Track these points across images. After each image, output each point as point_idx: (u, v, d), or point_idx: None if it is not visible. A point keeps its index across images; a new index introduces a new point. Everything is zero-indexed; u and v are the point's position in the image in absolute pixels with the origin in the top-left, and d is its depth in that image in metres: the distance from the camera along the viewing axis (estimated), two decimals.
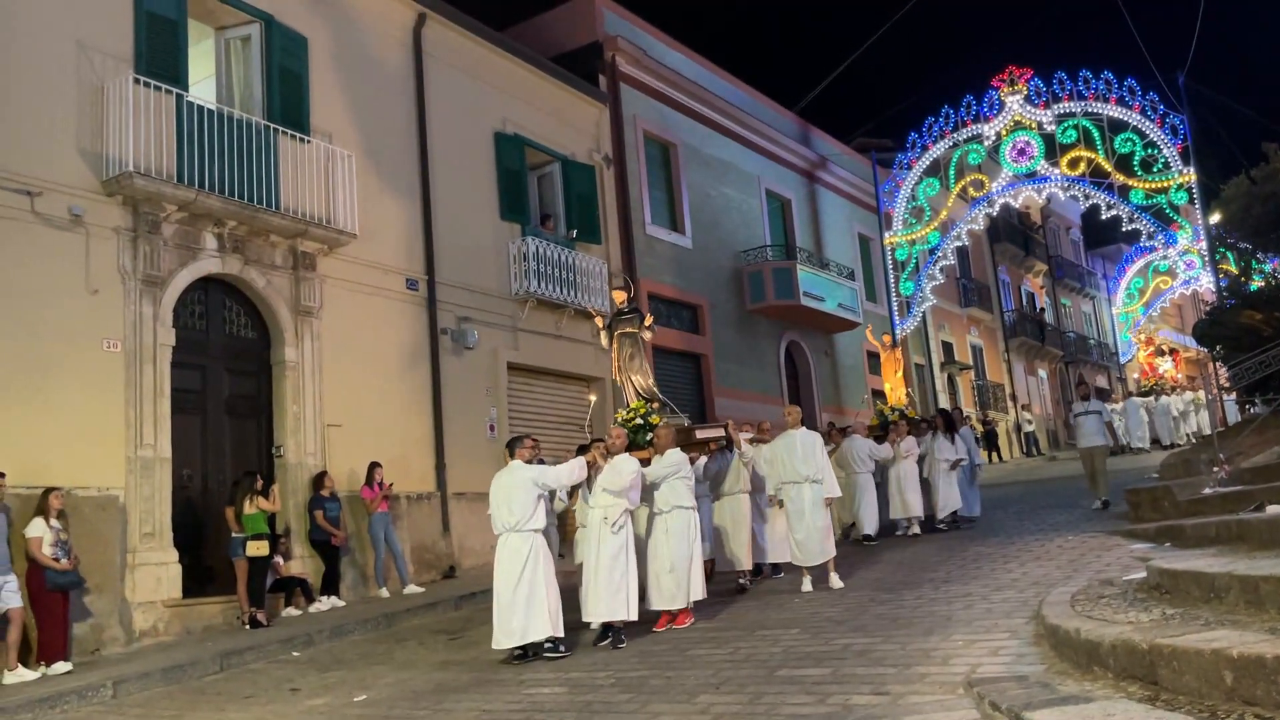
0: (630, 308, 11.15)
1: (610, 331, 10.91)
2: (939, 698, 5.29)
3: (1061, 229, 44.34)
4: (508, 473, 8.36)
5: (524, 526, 8.14)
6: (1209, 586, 5.50)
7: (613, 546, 8.31)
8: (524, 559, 8.03)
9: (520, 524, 8.13)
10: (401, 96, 15.14)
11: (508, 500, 8.18)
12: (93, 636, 10.11)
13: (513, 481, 8.26)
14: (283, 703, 7.54)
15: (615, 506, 8.36)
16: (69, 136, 10.81)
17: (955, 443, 13.87)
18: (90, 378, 10.59)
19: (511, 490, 8.21)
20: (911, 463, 13.49)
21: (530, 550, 8.07)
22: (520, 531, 8.13)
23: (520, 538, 8.12)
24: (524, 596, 7.93)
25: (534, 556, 8.07)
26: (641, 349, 10.90)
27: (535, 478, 8.28)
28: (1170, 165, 21.91)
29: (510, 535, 8.14)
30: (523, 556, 8.03)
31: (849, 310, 24.51)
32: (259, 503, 11.18)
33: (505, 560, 8.08)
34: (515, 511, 8.16)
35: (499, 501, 8.23)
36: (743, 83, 24.90)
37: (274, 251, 12.71)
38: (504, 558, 8.10)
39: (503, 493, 8.23)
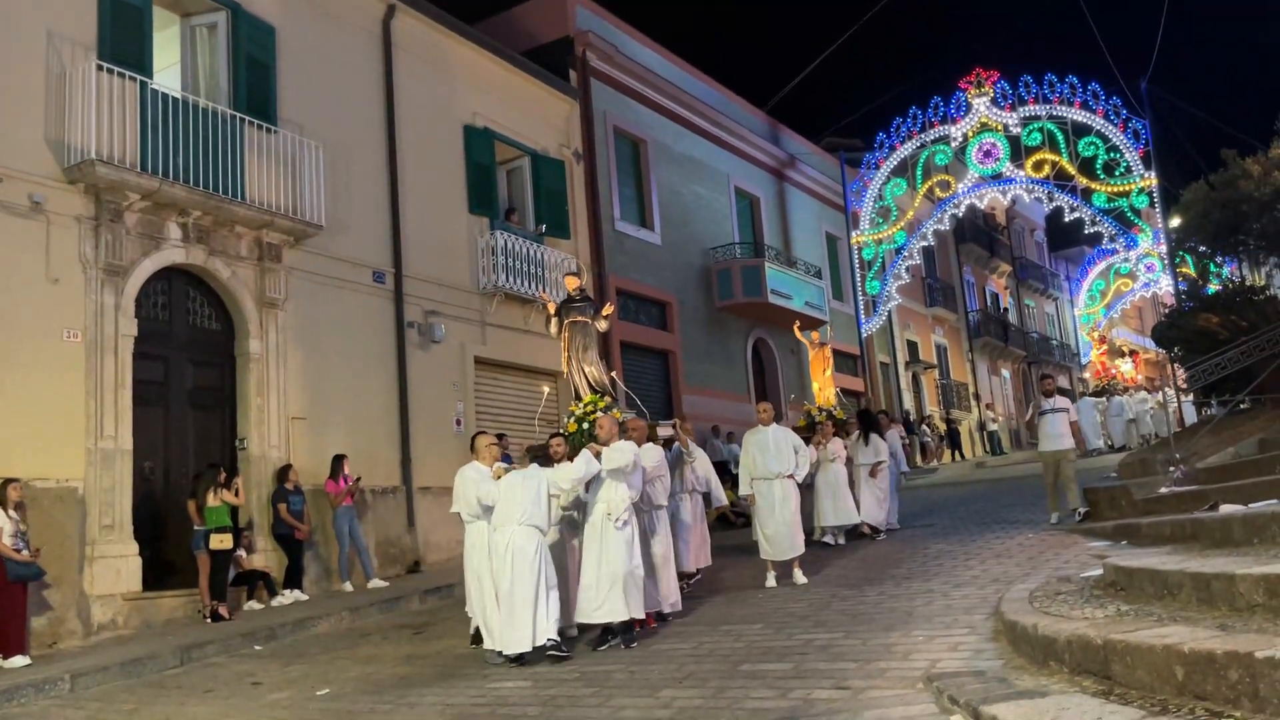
0: (582, 295, 10.88)
1: (560, 319, 10.62)
2: (899, 692, 5.37)
3: (1026, 230, 44.84)
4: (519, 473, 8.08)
5: (532, 522, 7.81)
6: (1162, 584, 5.61)
7: (618, 542, 7.98)
8: (533, 557, 7.67)
9: (529, 519, 7.80)
10: (370, 88, 15.04)
11: (520, 496, 7.83)
12: (50, 629, 9.97)
13: (530, 476, 7.98)
14: (244, 697, 7.49)
15: (619, 501, 8.07)
16: (30, 123, 10.64)
17: (871, 446, 13.01)
18: (50, 368, 10.44)
19: (526, 486, 7.90)
20: (839, 466, 12.51)
21: (537, 548, 7.75)
22: (527, 527, 7.79)
23: (526, 534, 7.77)
24: (534, 597, 7.57)
25: (543, 554, 7.77)
26: (595, 339, 10.73)
27: (551, 477, 8.04)
28: (1132, 169, 22.26)
29: (515, 531, 7.75)
30: (530, 554, 7.68)
31: (816, 309, 24.65)
32: (224, 495, 11.08)
33: (513, 558, 7.65)
34: (527, 506, 7.82)
35: (510, 497, 7.84)
36: (713, 80, 24.96)
37: (239, 242, 12.59)
38: (510, 556, 7.67)
39: (515, 489, 7.87)
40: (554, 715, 5.92)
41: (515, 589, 7.57)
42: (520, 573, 7.59)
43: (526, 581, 7.58)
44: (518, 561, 7.62)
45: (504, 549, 7.71)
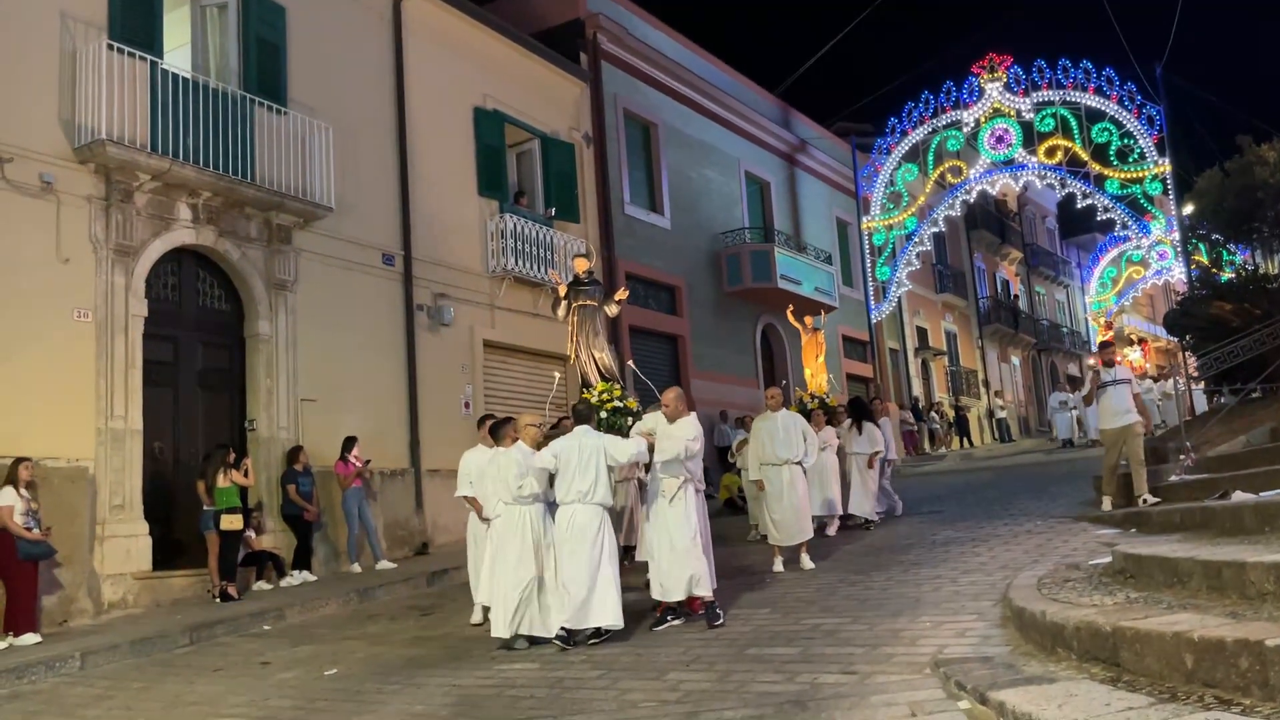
0: (591, 279, 10.65)
1: (568, 302, 10.38)
2: (906, 677, 5.36)
3: (1037, 217, 44.65)
4: (572, 437, 7.70)
5: (594, 499, 7.52)
6: (1172, 571, 5.59)
7: (675, 518, 7.70)
8: (595, 534, 7.43)
9: (591, 495, 7.49)
10: (381, 70, 15.00)
11: (581, 467, 7.50)
12: (61, 608, 10.04)
13: (584, 446, 7.60)
14: (253, 676, 7.53)
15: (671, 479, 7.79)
16: (41, 102, 10.64)
17: (865, 435, 12.60)
18: (60, 348, 10.47)
19: (585, 456, 7.53)
20: (830, 454, 12.09)
21: (601, 525, 7.50)
22: (589, 504, 7.49)
23: (590, 511, 7.48)
24: (596, 577, 7.31)
25: (606, 533, 7.52)
26: (604, 325, 10.41)
27: (607, 446, 7.67)
28: (1146, 156, 22.10)
29: (577, 509, 7.46)
30: (593, 532, 7.42)
31: (826, 294, 24.58)
32: (234, 476, 11.12)
33: (574, 536, 7.39)
34: (588, 480, 7.48)
35: (568, 468, 7.49)
36: (724, 64, 24.83)
37: (249, 224, 12.59)
38: (571, 534, 7.40)
39: (574, 458, 7.52)
40: (561, 698, 5.94)
41: (581, 569, 7.31)
42: (587, 552, 7.35)
43: (594, 560, 7.34)
44: (582, 540, 7.37)
45: (565, 527, 7.46)
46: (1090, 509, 11.00)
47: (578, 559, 7.36)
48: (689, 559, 7.60)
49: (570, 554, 7.39)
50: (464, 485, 8.76)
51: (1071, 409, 24.52)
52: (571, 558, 7.38)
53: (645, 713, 5.40)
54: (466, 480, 8.75)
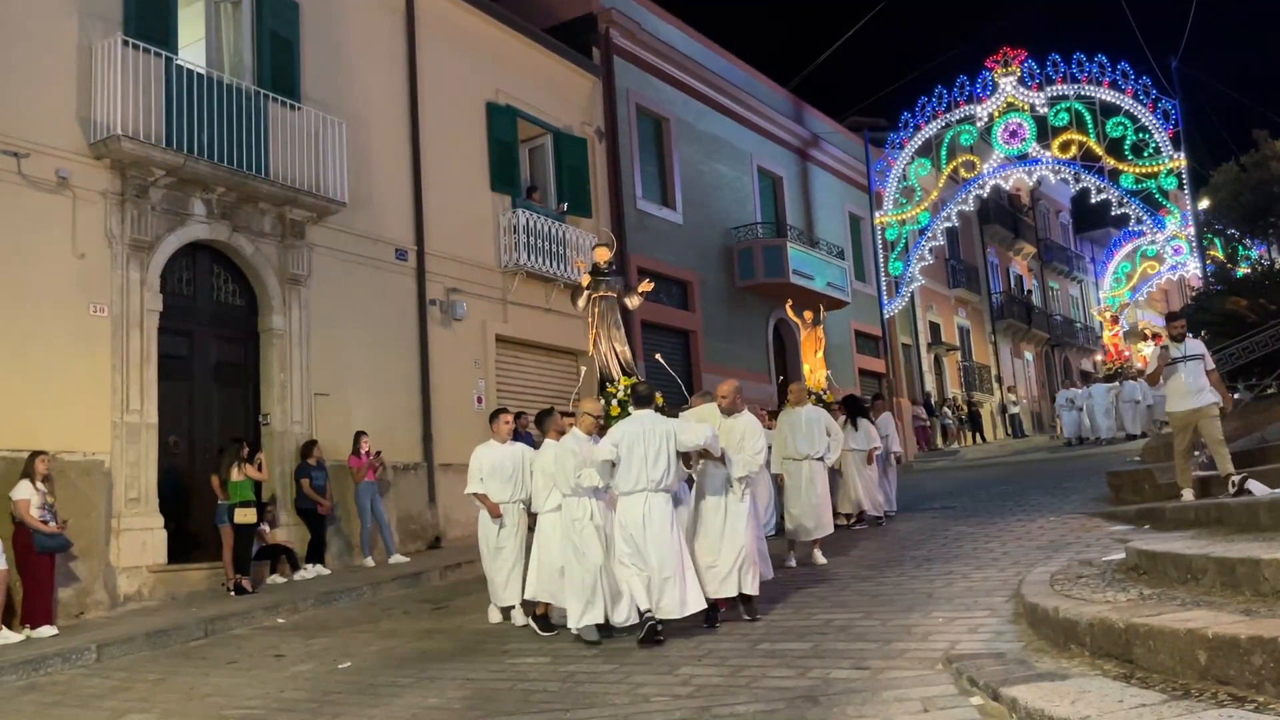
0: (611, 269, 10.37)
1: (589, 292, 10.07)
2: (918, 673, 5.36)
3: (1051, 212, 44.45)
4: (635, 422, 7.26)
5: (664, 487, 7.13)
6: (1186, 568, 5.58)
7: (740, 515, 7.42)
8: (674, 523, 7.10)
9: (663, 483, 7.11)
10: (394, 65, 15.03)
11: (654, 453, 7.08)
12: (77, 600, 10.12)
13: (652, 432, 7.16)
14: (267, 668, 7.58)
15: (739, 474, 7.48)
16: (57, 98, 10.70)
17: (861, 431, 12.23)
18: (77, 342, 10.55)
19: (654, 442, 7.11)
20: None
21: (674, 514, 7.17)
22: (661, 493, 7.11)
23: (664, 500, 7.11)
24: (680, 564, 7.01)
25: (678, 520, 7.21)
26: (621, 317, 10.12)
27: (676, 431, 7.26)
28: (1161, 150, 21.96)
29: (652, 497, 7.05)
30: (671, 521, 7.09)
31: (838, 289, 24.53)
32: (248, 470, 11.18)
33: (654, 526, 7.00)
34: (660, 468, 7.09)
35: (634, 455, 7.08)
36: (737, 58, 24.77)
37: (263, 219, 12.64)
38: (649, 525, 7.00)
39: (640, 445, 7.09)
40: (573, 691, 5.96)
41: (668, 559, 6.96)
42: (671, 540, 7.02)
43: (676, 548, 7.04)
44: (664, 529, 7.01)
45: (640, 518, 7.02)
46: (1104, 505, 10.97)
47: (663, 549, 6.97)
48: (751, 555, 7.35)
49: (654, 544, 6.96)
50: (474, 482, 8.56)
51: (1078, 407, 24.27)
52: (655, 548, 6.96)
53: (657, 706, 5.41)
54: (477, 477, 8.54)
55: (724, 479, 7.45)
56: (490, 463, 8.53)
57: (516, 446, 8.76)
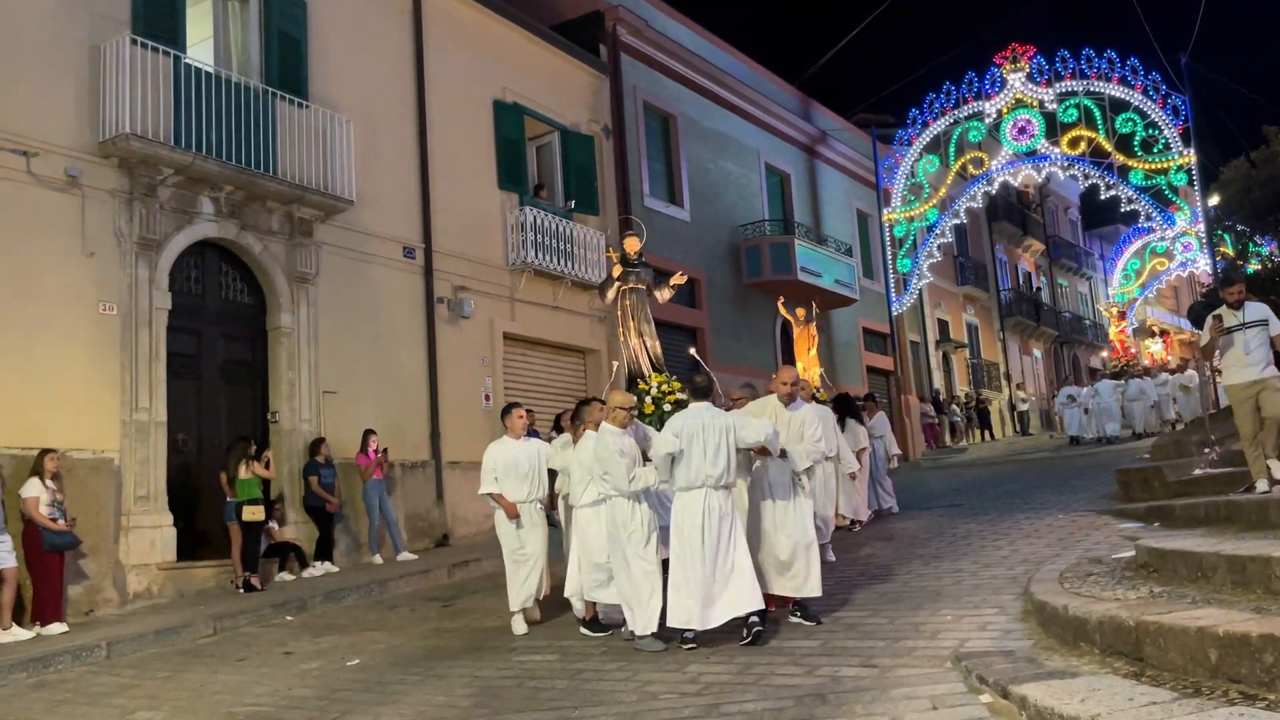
0: (640, 260, 9.93)
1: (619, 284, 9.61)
2: (926, 671, 5.35)
3: (1060, 209, 44.33)
4: (694, 415, 6.92)
5: (724, 483, 6.80)
6: (1196, 566, 5.55)
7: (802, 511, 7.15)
8: (733, 521, 6.78)
9: (724, 479, 6.78)
10: (401, 63, 15.04)
11: (714, 448, 6.73)
12: (87, 598, 10.15)
13: (712, 425, 6.83)
14: (275, 666, 7.59)
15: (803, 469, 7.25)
16: (65, 97, 10.73)
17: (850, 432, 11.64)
18: (86, 340, 10.58)
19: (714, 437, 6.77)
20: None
21: (734, 510, 6.85)
22: (722, 489, 6.78)
23: (726, 497, 6.79)
24: (734, 564, 6.67)
25: (737, 518, 6.89)
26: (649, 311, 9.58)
27: (737, 425, 6.90)
28: (1170, 146, 21.89)
29: (713, 494, 6.70)
30: (730, 518, 6.76)
31: (846, 286, 24.49)
32: (254, 468, 11.20)
33: (712, 523, 6.64)
34: (721, 464, 6.75)
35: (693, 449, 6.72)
36: (744, 55, 24.74)
37: (271, 217, 12.66)
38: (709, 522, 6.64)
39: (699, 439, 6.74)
40: (580, 688, 5.96)
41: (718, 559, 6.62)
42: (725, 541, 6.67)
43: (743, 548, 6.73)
44: (715, 529, 6.65)
45: (698, 516, 6.65)
46: (1113, 502, 10.93)
47: (722, 547, 6.65)
48: (813, 553, 7.11)
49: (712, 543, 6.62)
50: (488, 482, 8.15)
51: (1081, 406, 23.75)
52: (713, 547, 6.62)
53: (665, 704, 5.40)
54: (491, 476, 8.13)
55: (788, 473, 7.14)
56: (504, 461, 8.15)
57: (532, 443, 8.45)
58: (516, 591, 7.97)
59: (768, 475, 7.18)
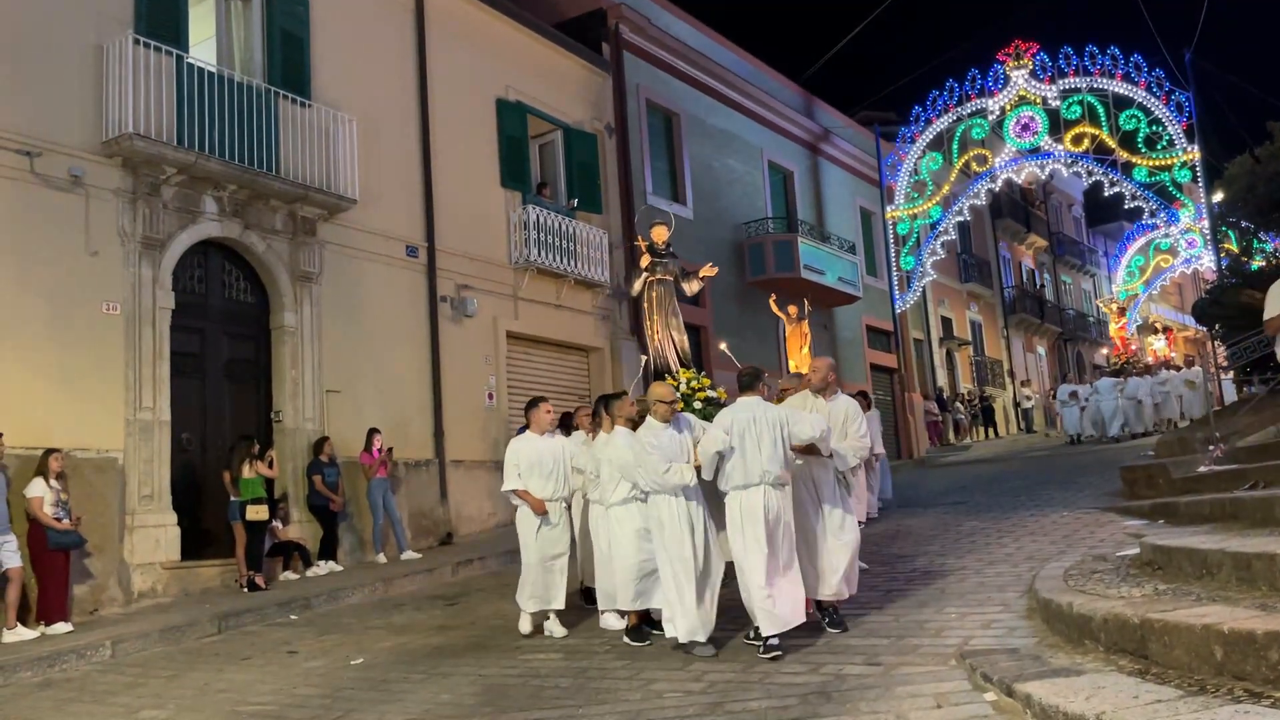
0: (668, 250, 9.53)
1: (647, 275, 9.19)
2: (931, 669, 5.35)
3: (1063, 205, 44.25)
4: (744, 409, 6.53)
5: (781, 481, 6.40)
6: (1201, 563, 5.54)
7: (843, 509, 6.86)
8: (789, 522, 6.41)
9: (777, 477, 6.38)
10: (404, 62, 15.03)
11: (769, 443, 6.34)
12: (91, 597, 10.17)
13: (763, 419, 6.45)
14: (280, 665, 7.60)
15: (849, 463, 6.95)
16: (69, 97, 10.73)
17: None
18: (90, 340, 10.59)
19: (766, 431, 6.38)
20: None
21: (788, 511, 6.45)
22: (778, 488, 6.37)
23: (780, 494, 6.37)
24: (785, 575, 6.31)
25: (790, 519, 6.49)
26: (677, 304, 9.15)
27: (788, 420, 6.52)
28: (1174, 143, 21.84)
29: (770, 492, 6.31)
30: (786, 516, 6.39)
31: (849, 284, 24.46)
32: (258, 467, 11.21)
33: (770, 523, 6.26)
34: (777, 459, 6.36)
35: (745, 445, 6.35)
36: (747, 53, 24.70)
37: (274, 216, 12.67)
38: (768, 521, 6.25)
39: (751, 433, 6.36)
40: (586, 687, 5.96)
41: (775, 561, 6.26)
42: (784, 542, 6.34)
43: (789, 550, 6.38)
44: (772, 528, 6.27)
45: (761, 514, 6.26)
46: (1118, 500, 10.91)
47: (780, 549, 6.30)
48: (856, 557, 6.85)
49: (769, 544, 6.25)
50: (512, 478, 7.75)
51: (1080, 404, 23.41)
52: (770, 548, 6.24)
53: (670, 703, 5.41)
54: (515, 472, 7.73)
55: (833, 472, 6.83)
56: (529, 457, 7.77)
57: (556, 439, 8.08)
58: (530, 591, 7.63)
59: (812, 474, 6.79)
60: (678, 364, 8.98)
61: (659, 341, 9.28)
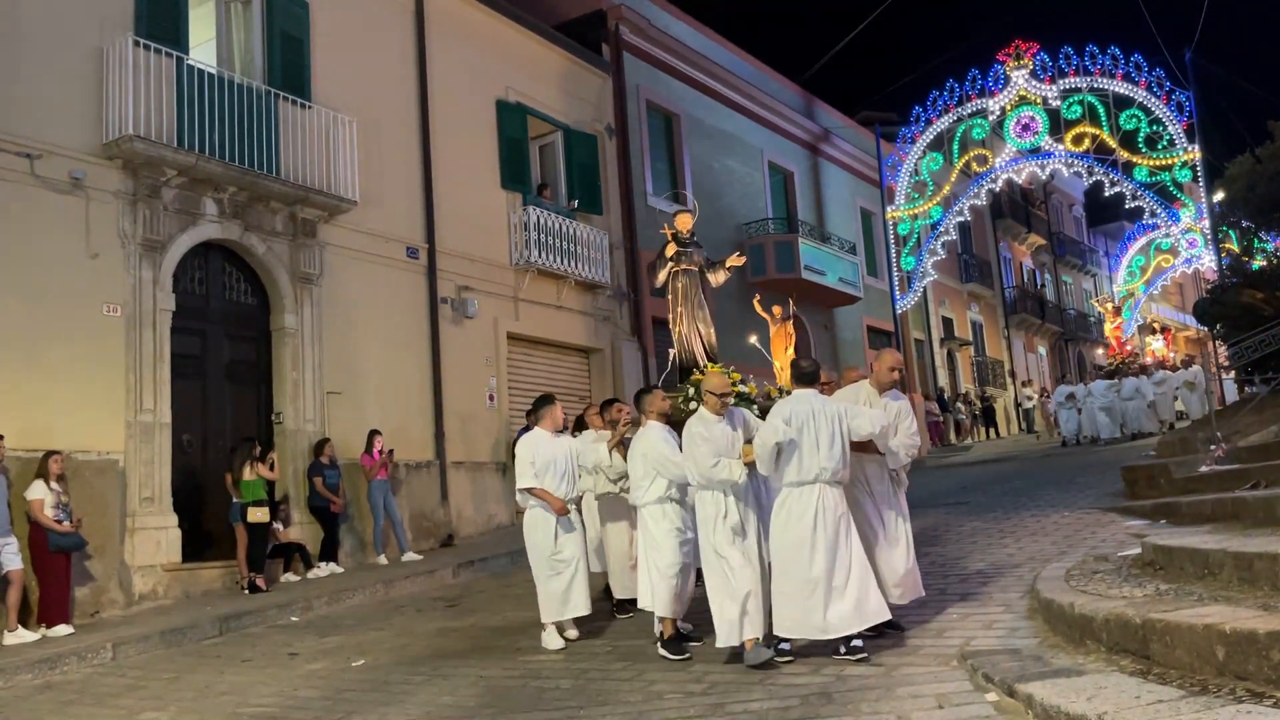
0: (693, 239, 9.20)
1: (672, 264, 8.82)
2: (933, 669, 5.34)
3: (1064, 205, 44.24)
4: (802, 401, 6.15)
5: (839, 478, 6.06)
6: (1203, 563, 5.53)
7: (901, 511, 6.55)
8: (849, 521, 6.04)
9: (838, 472, 6.04)
10: (404, 63, 15.04)
11: (827, 437, 5.99)
12: (92, 599, 10.17)
13: (822, 412, 6.09)
14: (281, 666, 7.60)
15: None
16: (69, 99, 10.73)
17: None
18: (91, 342, 10.59)
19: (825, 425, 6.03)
20: None
21: (847, 510, 6.09)
22: (835, 486, 6.03)
23: (837, 493, 6.03)
24: (857, 568, 5.93)
25: (850, 518, 6.12)
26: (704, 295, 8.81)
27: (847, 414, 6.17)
28: (1175, 142, 21.81)
29: (826, 490, 5.97)
30: (846, 518, 6.02)
31: (850, 285, 24.45)
32: (259, 470, 11.21)
33: (828, 523, 5.90)
34: (836, 455, 6.01)
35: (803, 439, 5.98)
36: (747, 54, 24.71)
37: (274, 218, 12.67)
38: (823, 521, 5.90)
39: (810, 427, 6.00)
40: (586, 689, 5.95)
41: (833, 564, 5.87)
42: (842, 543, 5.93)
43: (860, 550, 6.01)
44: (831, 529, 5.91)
45: (811, 514, 5.91)
46: (1119, 500, 10.89)
47: (838, 551, 5.91)
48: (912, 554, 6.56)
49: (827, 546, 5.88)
50: (526, 476, 7.32)
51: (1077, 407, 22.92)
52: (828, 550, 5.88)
53: (671, 704, 5.40)
54: (530, 470, 7.31)
55: (887, 470, 6.50)
56: (545, 455, 7.37)
57: (565, 439, 7.73)
58: (551, 601, 7.23)
59: (864, 472, 6.43)
60: (705, 358, 8.65)
61: (685, 335, 8.90)
